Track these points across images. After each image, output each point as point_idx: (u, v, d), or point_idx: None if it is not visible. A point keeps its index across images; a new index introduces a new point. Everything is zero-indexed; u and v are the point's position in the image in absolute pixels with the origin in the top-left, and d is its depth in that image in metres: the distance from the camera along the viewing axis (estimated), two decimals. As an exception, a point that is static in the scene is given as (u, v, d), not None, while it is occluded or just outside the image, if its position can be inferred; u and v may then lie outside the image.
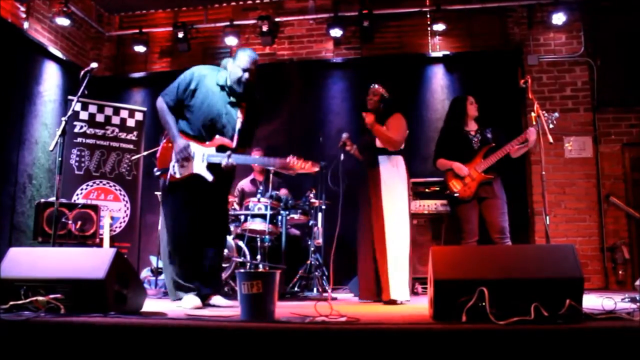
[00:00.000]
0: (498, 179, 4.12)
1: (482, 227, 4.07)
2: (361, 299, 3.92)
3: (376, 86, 3.94)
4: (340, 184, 3.78)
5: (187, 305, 3.07)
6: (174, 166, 3.21)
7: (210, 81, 3.27)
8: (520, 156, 4.17)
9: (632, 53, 5.74)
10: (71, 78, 6.12)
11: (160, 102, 3.29)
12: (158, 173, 3.29)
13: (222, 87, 3.28)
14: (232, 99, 3.28)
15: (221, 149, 3.24)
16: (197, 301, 3.12)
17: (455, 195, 4.06)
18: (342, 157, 3.94)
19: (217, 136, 3.25)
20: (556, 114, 4.12)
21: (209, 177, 3.20)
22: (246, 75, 3.20)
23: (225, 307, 3.15)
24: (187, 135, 3.25)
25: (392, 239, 3.68)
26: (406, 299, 3.62)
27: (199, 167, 3.21)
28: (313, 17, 6.53)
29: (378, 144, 3.84)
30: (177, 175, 3.21)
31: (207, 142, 3.24)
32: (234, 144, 3.24)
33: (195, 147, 3.22)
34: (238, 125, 3.26)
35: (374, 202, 3.79)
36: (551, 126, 3.96)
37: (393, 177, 3.78)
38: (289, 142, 6.01)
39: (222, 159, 3.18)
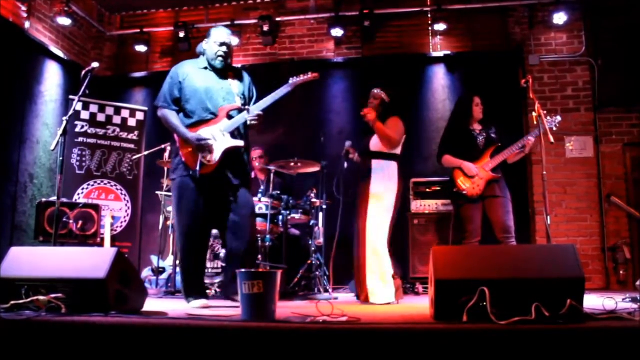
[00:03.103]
0: (502, 178, 4.12)
1: (487, 226, 4.06)
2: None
3: (377, 90, 3.94)
4: (341, 192, 3.79)
5: (195, 304, 3.09)
6: (202, 157, 3.18)
7: (194, 68, 3.36)
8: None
9: (633, 53, 5.72)
10: (72, 78, 6.13)
11: (161, 111, 3.33)
12: (198, 170, 3.17)
13: (205, 68, 3.36)
14: (218, 74, 3.35)
15: (231, 117, 3.27)
16: (203, 300, 3.15)
17: (464, 193, 4.05)
18: (345, 165, 3.95)
19: (220, 107, 3.27)
20: (559, 118, 4.13)
21: (240, 143, 3.24)
22: (223, 48, 3.30)
23: (227, 307, 3.15)
24: (194, 125, 3.25)
25: (371, 246, 3.67)
26: (389, 301, 3.58)
27: (225, 142, 3.21)
28: (314, 16, 6.52)
29: (372, 147, 3.83)
30: (214, 159, 3.18)
31: (216, 118, 3.25)
32: (239, 105, 3.29)
33: (208, 131, 3.21)
34: (235, 90, 3.33)
35: (361, 207, 3.78)
36: (554, 129, 3.97)
37: (381, 187, 3.73)
38: (290, 142, 6.00)
39: (244, 117, 3.23)
